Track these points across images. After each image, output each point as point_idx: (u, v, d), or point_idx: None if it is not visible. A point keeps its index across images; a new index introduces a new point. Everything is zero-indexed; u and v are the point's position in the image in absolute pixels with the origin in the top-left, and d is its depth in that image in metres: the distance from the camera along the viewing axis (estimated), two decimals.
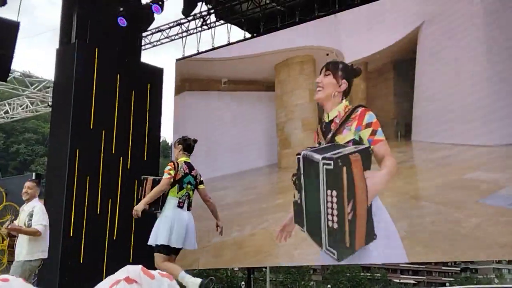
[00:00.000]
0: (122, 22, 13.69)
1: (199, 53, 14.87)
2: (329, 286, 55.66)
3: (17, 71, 19.95)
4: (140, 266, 1.40)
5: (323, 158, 9.07)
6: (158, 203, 6.56)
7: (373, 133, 9.44)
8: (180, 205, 6.48)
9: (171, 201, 6.49)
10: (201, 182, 6.81)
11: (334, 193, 9.16)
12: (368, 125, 9.48)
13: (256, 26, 14.52)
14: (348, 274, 57.33)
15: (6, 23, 12.64)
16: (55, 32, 13.44)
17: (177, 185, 6.48)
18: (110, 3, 13.72)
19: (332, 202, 9.25)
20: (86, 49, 12.92)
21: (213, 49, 14.57)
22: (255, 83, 13.62)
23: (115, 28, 13.58)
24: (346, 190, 8.96)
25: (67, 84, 12.75)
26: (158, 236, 6.46)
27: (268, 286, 42.51)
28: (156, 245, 6.47)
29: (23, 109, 21.16)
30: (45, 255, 7.43)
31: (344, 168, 8.85)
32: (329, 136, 9.73)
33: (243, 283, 47.33)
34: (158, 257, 6.47)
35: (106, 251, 12.41)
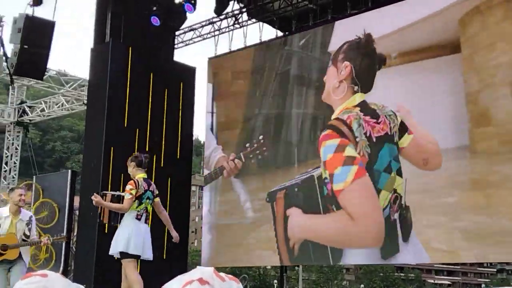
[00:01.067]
0: (155, 21, 13.82)
1: (231, 51, 14.92)
2: (362, 285, 55.30)
3: (53, 70, 20.30)
4: (212, 268, 1.43)
5: None
6: (117, 217, 7.02)
7: None
8: (138, 217, 6.94)
9: (130, 214, 6.92)
10: (157, 196, 7.31)
11: None
12: None
13: (288, 24, 14.50)
14: (381, 274, 56.88)
15: (42, 22, 12.88)
16: (90, 31, 13.64)
17: (137, 200, 6.92)
18: (143, 2, 13.87)
19: None
20: (119, 49, 13.08)
21: (245, 48, 14.59)
22: (429, 50, 10.85)
23: (148, 27, 13.71)
24: None
25: (102, 83, 12.93)
26: (117, 244, 6.82)
27: (301, 285, 42.45)
28: (120, 253, 6.84)
29: (58, 107, 21.51)
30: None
31: None
32: None
33: (275, 281, 47.34)
34: (125, 263, 6.93)
35: None
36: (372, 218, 11.01)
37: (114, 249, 6.90)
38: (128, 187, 6.93)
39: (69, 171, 16.81)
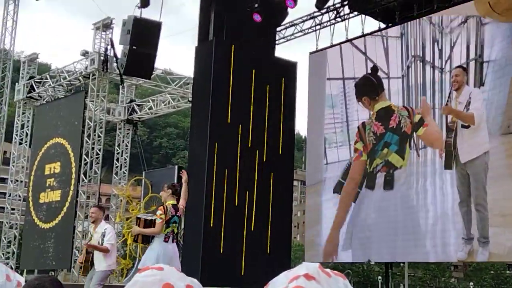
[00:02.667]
0: (257, 17, 13.94)
1: (332, 45, 14.79)
2: (471, 283, 53.24)
3: (159, 69, 20.96)
4: (317, 264, 1.42)
5: None
6: (149, 238, 8.16)
7: None
8: (165, 240, 7.94)
9: (159, 237, 7.96)
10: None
11: None
12: None
13: (391, 16, 14.16)
14: (492, 272, 54.46)
15: (149, 23, 13.37)
16: (194, 29, 13.99)
17: (164, 224, 7.92)
18: (245, 0, 14.02)
19: None
20: (223, 46, 13.31)
21: (348, 41, 14.42)
22: None
23: (250, 24, 13.86)
24: None
25: (206, 80, 13.23)
26: (145, 265, 7.34)
27: (407, 282, 41.50)
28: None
29: (165, 105, 22.22)
30: (112, 267, 8.97)
31: None
32: None
33: (379, 277, 46.59)
34: None
35: (244, 242, 12.74)
36: None
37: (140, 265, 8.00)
38: (158, 212, 8.02)
39: (176, 166, 17.39)
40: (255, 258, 12.61)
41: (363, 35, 14.21)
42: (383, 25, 14.27)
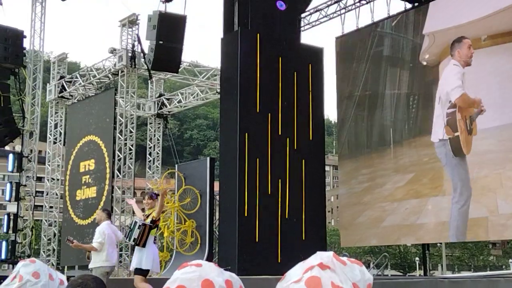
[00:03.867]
0: (281, 5, 13.91)
1: (358, 29, 14.70)
2: (511, 260, 52.56)
3: (186, 61, 21.07)
4: (331, 253, 1.45)
5: None
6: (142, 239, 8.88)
7: None
8: (154, 241, 9.04)
9: (152, 238, 8.85)
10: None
11: None
12: None
13: None
14: None
15: (174, 17, 13.43)
16: (219, 21, 14.00)
17: (156, 227, 9.01)
18: None
19: None
20: (248, 36, 13.33)
21: (373, 24, 14.31)
22: None
23: (274, 12, 13.84)
24: None
25: (233, 71, 13.27)
26: (143, 262, 8.65)
27: (444, 262, 41.17)
28: (140, 269, 8.62)
29: (194, 97, 22.35)
30: (107, 263, 9.54)
31: None
32: None
33: (417, 258, 46.31)
34: (138, 278, 8.64)
35: (279, 229, 12.81)
36: None
37: (138, 264, 8.67)
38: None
39: (208, 158, 17.47)
40: (291, 245, 12.67)
41: (389, 17, 14.08)
42: (409, 5, 14.10)
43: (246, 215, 12.54)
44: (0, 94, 18.94)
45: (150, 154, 23.30)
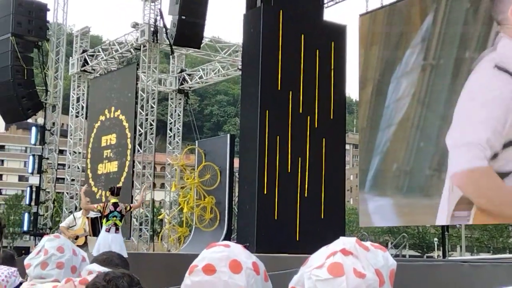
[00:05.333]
0: None
1: (383, 6, 14.52)
2: None
3: (207, 37, 21.03)
4: (354, 238, 1.45)
5: None
6: (96, 230, 10.35)
7: None
8: (107, 230, 9.97)
9: (102, 228, 10.08)
10: (130, 208, 10.90)
11: None
12: None
13: None
14: None
15: None
16: None
17: (105, 218, 10.00)
18: None
19: None
20: (271, 12, 13.24)
21: (396, 2, 14.12)
22: None
23: None
24: None
25: (255, 47, 13.21)
26: (91, 250, 9.66)
27: (464, 243, 41.05)
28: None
29: (215, 73, 22.36)
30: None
31: None
32: None
33: (435, 239, 46.25)
34: None
35: (298, 208, 12.85)
36: None
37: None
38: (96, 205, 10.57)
39: (228, 135, 17.53)
40: (310, 223, 12.72)
41: None
42: None
43: (265, 192, 12.58)
44: (24, 67, 19.14)
45: (170, 129, 23.42)
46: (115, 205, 10.43)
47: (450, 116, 12.54)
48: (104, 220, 10.12)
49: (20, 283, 3.00)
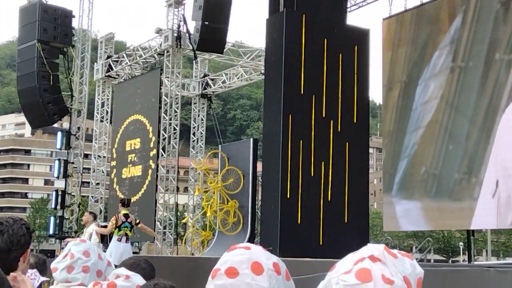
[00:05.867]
0: None
1: (406, 10, 14.44)
2: None
3: (230, 42, 21.10)
4: (383, 245, 1.45)
5: None
6: (104, 238, 11.56)
7: None
8: (118, 240, 10.82)
9: (114, 237, 10.94)
10: (138, 223, 11.63)
11: None
12: None
13: None
14: None
15: None
16: (265, 0, 13.93)
17: (117, 228, 10.90)
18: None
19: None
20: (294, 17, 13.24)
21: (422, 5, 14.03)
22: None
23: None
24: None
25: (278, 52, 13.23)
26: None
27: (489, 247, 40.55)
28: None
29: (238, 78, 22.42)
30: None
31: None
32: None
33: (461, 243, 45.74)
34: None
35: (321, 212, 12.81)
36: None
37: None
38: (112, 219, 11.31)
39: (251, 139, 17.57)
40: (333, 227, 12.68)
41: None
42: None
43: (288, 197, 12.57)
44: (50, 73, 19.39)
45: (194, 133, 23.54)
46: (126, 216, 11.16)
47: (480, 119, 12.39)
48: (115, 230, 10.89)
49: (40, 285, 3.06)
